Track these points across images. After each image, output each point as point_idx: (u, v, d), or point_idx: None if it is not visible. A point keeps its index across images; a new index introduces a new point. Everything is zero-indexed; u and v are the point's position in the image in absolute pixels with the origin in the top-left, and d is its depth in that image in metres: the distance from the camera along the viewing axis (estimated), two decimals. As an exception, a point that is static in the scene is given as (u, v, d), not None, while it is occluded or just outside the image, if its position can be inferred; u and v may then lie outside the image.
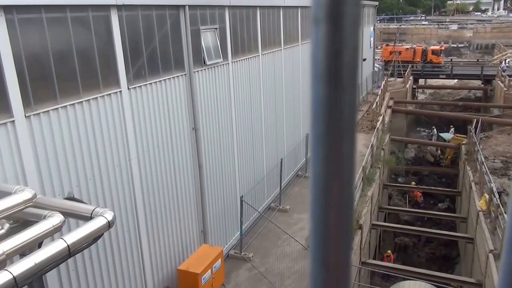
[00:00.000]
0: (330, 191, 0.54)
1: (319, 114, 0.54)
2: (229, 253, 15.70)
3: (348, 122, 0.53)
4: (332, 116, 0.53)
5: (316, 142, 0.54)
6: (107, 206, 9.96)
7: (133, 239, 11.15)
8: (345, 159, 0.53)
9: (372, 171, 22.25)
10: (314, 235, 0.57)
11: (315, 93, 0.53)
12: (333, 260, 0.54)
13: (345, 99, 0.53)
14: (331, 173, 0.54)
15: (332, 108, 0.53)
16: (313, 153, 0.56)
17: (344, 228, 0.55)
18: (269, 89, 18.57)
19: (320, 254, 0.55)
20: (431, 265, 24.06)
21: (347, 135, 0.53)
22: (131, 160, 10.73)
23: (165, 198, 12.27)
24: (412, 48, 53.70)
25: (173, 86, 12.11)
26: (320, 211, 0.55)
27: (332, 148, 0.53)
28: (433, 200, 30.45)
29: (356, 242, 16.41)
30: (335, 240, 0.55)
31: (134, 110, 10.71)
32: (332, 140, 0.53)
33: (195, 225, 13.91)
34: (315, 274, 0.55)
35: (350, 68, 0.52)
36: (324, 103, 0.53)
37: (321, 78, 0.52)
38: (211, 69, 13.88)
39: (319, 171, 0.54)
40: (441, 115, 40.34)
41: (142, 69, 10.94)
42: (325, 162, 0.54)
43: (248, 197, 16.38)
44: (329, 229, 0.55)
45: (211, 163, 14.38)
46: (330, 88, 0.52)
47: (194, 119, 13.13)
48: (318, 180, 0.54)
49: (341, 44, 0.49)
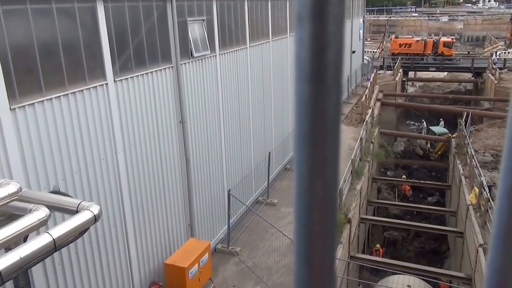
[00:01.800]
0: (314, 191, 0.54)
1: (303, 113, 0.54)
2: (217, 247, 15.75)
3: (332, 121, 0.54)
4: (316, 115, 0.53)
5: (300, 141, 0.55)
6: (93, 200, 9.92)
7: (120, 233, 11.13)
8: (329, 159, 0.54)
9: (361, 164, 22.40)
10: (298, 234, 0.58)
11: (299, 92, 0.54)
12: (318, 260, 0.55)
13: (329, 99, 0.53)
14: (315, 172, 0.54)
15: (316, 107, 0.53)
16: (297, 152, 0.57)
17: (328, 227, 0.56)
18: (257, 81, 18.57)
19: (304, 253, 0.56)
20: (420, 259, 24.36)
21: (331, 135, 0.54)
22: (118, 153, 10.69)
23: (151, 192, 12.25)
24: (422, 40, 52.85)
25: (160, 78, 12.06)
26: (304, 211, 0.56)
27: (316, 148, 0.54)
28: (422, 194, 30.75)
29: (344, 236, 16.54)
30: (319, 239, 0.55)
31: (121, 102, 10.65)
32: (316, 140, 0.54)
33: (182, 219, 13.92)
34: (299, 274, 0.56)
35: (334, 68, 0.52)
36: (308, 102, 0.53)
37: (305, 77, 0.53)
38: (198, 61, 13.83)
39: (303, 170, 0.55)
40: (431, 108, 40.66)
41: (129, 61, 10.87)
42: (309, 162, 0.54)
43: (235, 191, 16.41)
44: (313, 228, 0.55)
45: (198, 156, 14.37)
46: (314, 87, 0.53)
47: (181, 112, 13.10)
48: (302, 180, 0.55)
49: (324, 44, 0.50)
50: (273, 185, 20.41)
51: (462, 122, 27.62)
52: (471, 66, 47.73)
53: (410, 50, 51.06)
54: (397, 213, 28.05)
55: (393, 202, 28.36)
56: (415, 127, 42.70)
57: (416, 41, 52.68)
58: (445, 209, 26.34)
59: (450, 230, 22.08)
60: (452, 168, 26.82)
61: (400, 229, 26.06)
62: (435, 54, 51.43)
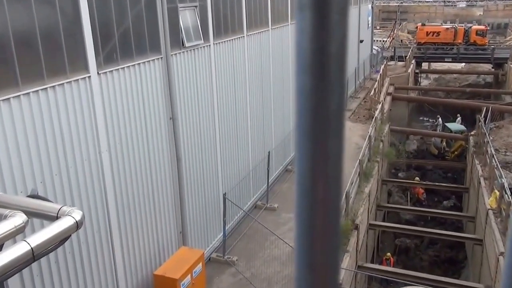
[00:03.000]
0: (316, 190, 0.56)
1: (304, 107, 0.56)
2: (211, 256, 15.77)
3: (335, 116, 0.56)
4: (318, 109, 0.55)
5: (301, 137, 0.57)
6: (75, 204, 9.93)
7: (104, 241, 11.15)
8: (332, 156, 0.56)
9: (369, 165, 22.45)
10: (299, 237, 0.60)
11: (300, 85, 0.55)
12: (320, 264, 0.57)
13: (332, 92, 0.55)
14: (317, 170, 0.56)
15: (318, 101, 0.55)
16: (298, 149, 0.58)
17: (332, 229, 0.58)
18: (255, 74, 18.58)
19: (306, 256, 0.58)
20: (435, 269, 24.41)
21: (334, 131, 0.56)
22: (102, 153, 10.70)
23: (139, 196, 12.26)
24: (453, 28, 52.36)
25: (148, 70, 12.06)
26: (306, 211, 0.57)
27: (318, 144, 0.56)
28: (437, 198, 30.80)
29: (351, 244, 16.59)
30: (322, 242, 0.57)
31: (105, 97, 10.66)
32: (318, 135, 0.56)
33: (173, 226, 13.93)
34: (300, 279, 0.58)
35: (337, 59, 0.54)
36: (310, 95, 0.55)
37: (306, 69, 0.55)
38: (190, 51, 13.84)
39: (304, 168, 0.57)
40: (447, 103, 40.73)
41: (113, 52, 10.87)
42: (310, 159, 0.56)
43: (232, 195, 16.43)
44: (315, 231, 0.57)
45: (190, 156, 14.39)
46: (316, 80, 0.55)
47: (172, 107, 13.11)
48: (303, 178, 0.57)
49: (327, 34, 0.52)
50: (273, 188, 20.44)
51: (481, 118, 27.67)
52: (491, 57, 47.68)
53: (439, 39, 50.70)
54: (410, 218, 28.10)
55: (405, 206, 28.42)
56: (429, 123, 42.76)
57: (446, 29, 52.11)
58: (462, 214, 26.40)
59: (468, 237, 22.12)
60: (470, 169, 26.88)
61: (412, 236, 26.10)
62: (466, 44, 50.93)
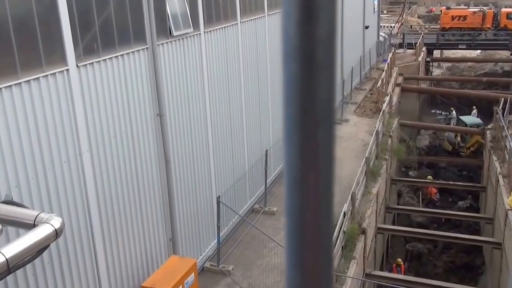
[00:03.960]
0: (307, 184, 0.58)
1: (292, 96, 0.58)
2: (204, 265, 15.79)
3: (324, 105, 0.57)
4: (306, 98, 0.57)
5: (289, 128, 0.58)
6: (54, 211, 9.92)
7: (87, 250, 11.14)
8: (322, 148, 0.57)
9: (377, 163, 22.50)
10: (290, 233, 0.61)
11: (287, 73, 0.57)
12: (311, 262, 0.58)
13: (321, 79, 0.57)
14: (307, 163, 0.58)
15: (306, 89, 0.57)
16: (286, 140, 0.60)
17: (323, 225, 0.60)
18: (250, 64, 18.58)
19: (296, 254, 0.59)
20: (451, 276, 24.51)
21: (323, 120, 0.57)
22: (82, 154, 10.69)
23: (124, 200, 12.26)
24: (480, 11, 52.09)
25: (132, 62, 12.06)
26: (296, 207, 0.59)
27: (307, 135, 0.57)
28: (451, 198, 30.90)
29: (358, 250, 16.64)
30: (313, 238, 0.59)
31: (85, 92, 10.65)
32: (307, 126, 0.57)
33: (162, 233, 13.94)
34: (291, 278, 0.59)
35: (325, 44, 0.56)
36: (297, 84, 0.57)
37: (293, 56, 0.56)
38: (179, 41, 13.83)
39: (294, 161, 0.58)
40: (461, 94, 40.81)
41: (94, 42, 10.86)
42: (299, 151, 0.58)
43: (226, 198, 16.44)
44: (307, 226, 0.59)
45: (180, 156, 14.39)
46: (303, 66, 0.56)
47: (159, 103, 13.11)
48: (293, 172, 0.59)
49: (314, 17, 0.53)
50: (272, 190, 20.46)
51: (499, 110, 27.74)
52: (510, 43, 47.72)
53: (465, 23, 50.59)
54: (422, 221, 28.18)
55: (416, 208, 28.47)
56: (442, 117, 42.87)
57: (473, 13, 51.90)
58: (479, 215, 26.49)
59: (486, 241, 22.21)
60: (487, 166, 26.96)
61: (425, 241, 26.18)
62: (496, 28, 50.76)
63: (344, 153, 24.88)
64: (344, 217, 16.12)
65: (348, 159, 24.09)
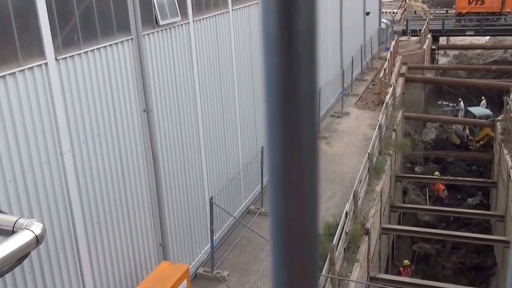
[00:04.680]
0: (290, 181, 0.60)
1: (272, 90, 0.60)
2: (198, 271, 15.82)
3: (306, 98, 0.59)
4: (287, 92, 0.59)
5: (270, 123, 0.61)
6: (34, 216, 9.92)
7: (70, 257, 11.15)
8: (305, 143, 0.60)
9: (381, 159, 22.55)
10: (274, 231, 0.64)
11: (267, 65, 0.59)
12: (297, 260, 0.60)
13: (301, 73, 0.59)
14: (290, 159, 0.60)
15: (287, 82, 0.59)
16: (268, 136, 0.62)
17: (308, 222, 0.62)
18: (244, 56, 18.59)
19: (281, 253, 0.62)
20: (460, 278, 24.63)
21: (305, 115, 0.60)
22: (64, 154, 10.68)
23: (110, 203, 12.27)
24: None
25: (116, 55, 12.05)
26: (280, 204, 0.61)
27: (289, 130, 0.59)
28: (460, 195, 31.01)
29: (362, 252, 16.70)
30: (298, 236, 0.61)
31: (66, 88, 10.63)
32: (289, 121, 0.59)
33: (151, 237, 13.96)
34: (277, 276, 0.61)
35: (306, 36, 0.58)
36: (278, 77, 0.59)
37: (273, 49, 0.58)
38: (166, 31, 13.82)
39: (276, 157, 0.61)
40: (469, 84, 40.96)
41: (74, 33, 10.84)
42: (282, 147, 0.60)
43: (220, 199, 16.47)
44: (291, 224, 0.61)
45: (169, 154, 14.40)
46: (283, 59, 0.58)
47: (146, 97, 13.10)
48: (275, 168, 0.61)
49: (294, 8, 0.55)
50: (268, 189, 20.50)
51: (510, 101, 27.84)
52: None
53: (484, 8, 50.46)
54: (429, 220, 28.28)
55: (423, 206, 28.58)
56: (450, 108, 42.98)
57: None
58: (490, 213, 26.61)
59: (498, 240, 22.31)
60: (497, 160, 27.07)
61: (433, 241, 26.29)
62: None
63: (345, 149, 24.97)
64: (346, 217, 16.18)
65: (350, 155, 24.18)
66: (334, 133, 27.01)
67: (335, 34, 31.58)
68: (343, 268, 15.53)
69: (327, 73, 29.19)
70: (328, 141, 25.78)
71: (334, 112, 30.11)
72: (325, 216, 17.50)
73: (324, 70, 28.56)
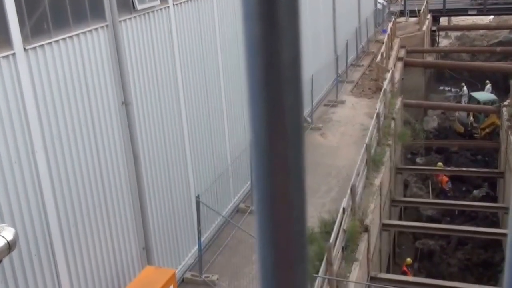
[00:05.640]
0: (274, 154, 0.62)
1: (254, 60, 0.62)
2: (185, 276, 15.83)
3: (289, 68, 0.61)
4: (269, 61, 0.61)
5: (253, 93, 0.62)
6: (5, 221, 9.89)
7: (46, 265, 11.12)
8: (289, 114, 0.62)
9: (379, 150, 22.64)
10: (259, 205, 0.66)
11: (249, 34, 0.61)
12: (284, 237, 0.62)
13: (284, 41, 0.61)
14: (273, 131, 0.62)
15: (269, 51, 0.61)
16: (250, 108, 0.64)
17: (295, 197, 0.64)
18: (230, 42, 18.55)
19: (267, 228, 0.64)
20: (467, 275, 24.79)
21: (289, 85, 0.62)
22: (36, 152, 10.64)
23: (88, 205, 12.24)
24: None
25: (90, 43, 12.00)
26: (264, 179, 0.63)
27: (272, 102, 0.61)
28: (465, 186, 31.18)
29: (361, 250, 16.78)
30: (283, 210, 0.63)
31: (36, 80, 10.58)
32: (272, 92, 0.61)
33: (133, 240, 13.95)
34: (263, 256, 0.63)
35: (287, 4, 0.60)
36: (260, 46, 0.61)
37: (253, 16, 0.60)
38: (144, 16, 13.78)
39: (259, 128, 0.63)
40: (473, 67, 41.11)
41: (44, 20, 10.78)
42: (265, 118, 0.62)
43: (207, 197, 16.47)
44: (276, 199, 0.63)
45: (151, 150, 14.37)
46: (265, 26, 0.60)
47: (124, 89, 13.07)
48: (259, 140, 0.63)
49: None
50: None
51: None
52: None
53: None
54: (432, 214, 28.44)
55: (425, 200, 28.73)
56: (452, 94, 43.15)
57: None
58: (497, 205, 26.77)
59: (505, 234, 22.39)
60: (504, 148, 27.25)
61: (437, 237, 26.44)
62: None
63: (341, 140, 25.04)
64: (344, 214, 16.23)
65: (346, 146, 24.26)
66: (329, 123, 27.05)
67: (328, 16, 31.60)
68: (342, 268, 15.59)
69: (320, 59, 29.22)
70: (322, 132, 25.84)
71: (328, 100, 30.14)
72: (320, 213, 17.58)
73: (317, 55, 28.58)
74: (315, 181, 20.48)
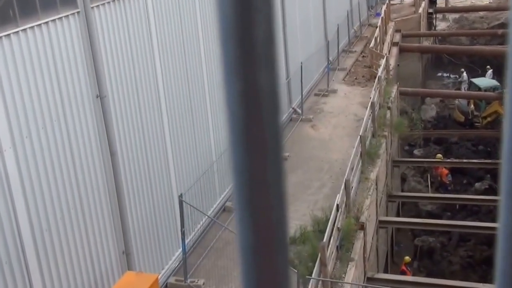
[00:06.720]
0: (251, 133, 0.66)
1: (228, 38, 0.65)
2: (168, 281, 15.85)
3: (264, 46, 0.65)
4: (244, 39, 0.64)
5: (227, 73, 0.66)
6: (-27, 225, 9.88)
7: (18, 273, 11.10)
8: (265, 92, 0.65)
9: (375, 142, 22.71)
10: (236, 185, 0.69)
11: (221, 14, 0.64)
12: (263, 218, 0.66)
13: (258, 19, 0.64)
14: (249, 110, 0.66)
15: (243, 30, 0.64)
16: (226, 87, 0.68)
17: (272, 174, 0.67)
18: (212, 28, 18.52)
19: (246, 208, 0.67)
20: (470, 273, 24.94)
21: (264, 62, 0.65)
22: (4, 151, 10.61)
23: (62, 207, 12.21)
24: None
25: (60, 32, 11.95)
26: (241, 157, 0.67)
27: (247, 80, 0.65)
28: (466, 179, 31.33)
29: (357, 249, 16.86)
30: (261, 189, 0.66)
31: (2, 73, 10.54)
32: (246, 70, 0.65)
33: (112, 244, 13.94)
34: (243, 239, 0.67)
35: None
36: (233, 24, 0.64)
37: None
38: (118, 1, 13.74)
39: (235, 109, 0.66)
40: (473, 51, 41.27)
41: (9, 8, 10.74)
42: (240, 98, 0.65)
43: (190, 196, 16.47)
44: (254, 176, 0.66)
45: (129, 147, 14.35)
46: (238, 6, 0.64)
47: (98, 81, 13.04)
48: (235, 120, 0.66)
49: None
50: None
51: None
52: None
53: None
54: (432, 209, 28.56)
55: (424, 194, 28.86)
56: (451, 80, 43.32)
57: None
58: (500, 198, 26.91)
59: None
60: (507, 137, 27.39)
61: (437, 233, 26.56)
62: None
63: (334, 132, 25.11)
64: (338, 211, 16.30)
65: (339, 138, 24.33)
66: (320, 114, 27.09)
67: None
68: (336, 269, 15.67)
69: (309, 45, 29.26)
70: (313, 123, 25.90)
71: (319, 90, 30.16)
72: (313, 211, 17.66)
73: (306, 41, 28.62)
74: (306, 176, 20.56)
